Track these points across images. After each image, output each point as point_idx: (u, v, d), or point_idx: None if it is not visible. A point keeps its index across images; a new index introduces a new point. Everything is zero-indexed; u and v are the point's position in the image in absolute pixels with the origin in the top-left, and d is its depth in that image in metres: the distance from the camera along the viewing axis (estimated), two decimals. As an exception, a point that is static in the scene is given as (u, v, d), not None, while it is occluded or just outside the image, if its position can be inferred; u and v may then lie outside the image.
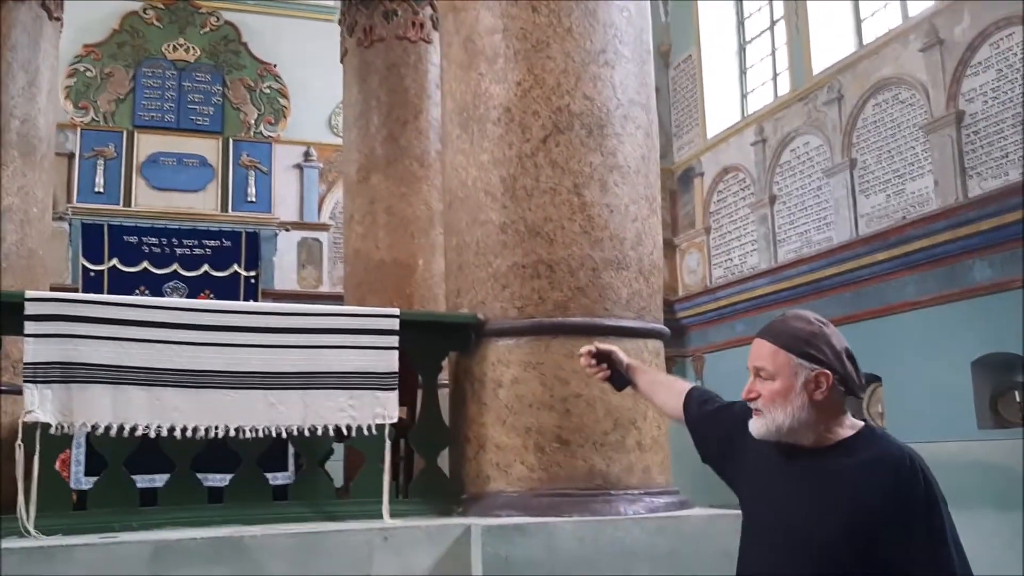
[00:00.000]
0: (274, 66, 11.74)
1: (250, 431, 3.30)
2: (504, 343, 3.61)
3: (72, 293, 7.12)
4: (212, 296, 10.30)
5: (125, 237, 10.51)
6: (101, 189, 10.70)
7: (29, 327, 3.08)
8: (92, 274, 10.30)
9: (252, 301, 10.44)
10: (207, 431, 3.25)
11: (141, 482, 3.44)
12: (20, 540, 2.91)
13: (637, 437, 3.55)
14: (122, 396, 3.14)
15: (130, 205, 10.79)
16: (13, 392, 4.58)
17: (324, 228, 11.65)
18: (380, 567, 3.09)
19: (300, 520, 3.38)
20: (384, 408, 3.47)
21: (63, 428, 3.09)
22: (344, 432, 3.43)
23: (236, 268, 10.87)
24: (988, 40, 7.39)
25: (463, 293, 3.81)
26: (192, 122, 11.29)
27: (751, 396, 1.90)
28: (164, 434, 3.20)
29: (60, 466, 3.55)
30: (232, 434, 3.29)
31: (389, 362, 3.50)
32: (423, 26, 6.78)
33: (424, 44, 6.76)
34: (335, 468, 4.15)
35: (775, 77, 10.36)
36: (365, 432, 3.45)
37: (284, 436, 3.43)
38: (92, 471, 3.88)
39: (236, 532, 3.08)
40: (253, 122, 11.56)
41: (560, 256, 3.60)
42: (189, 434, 3.22)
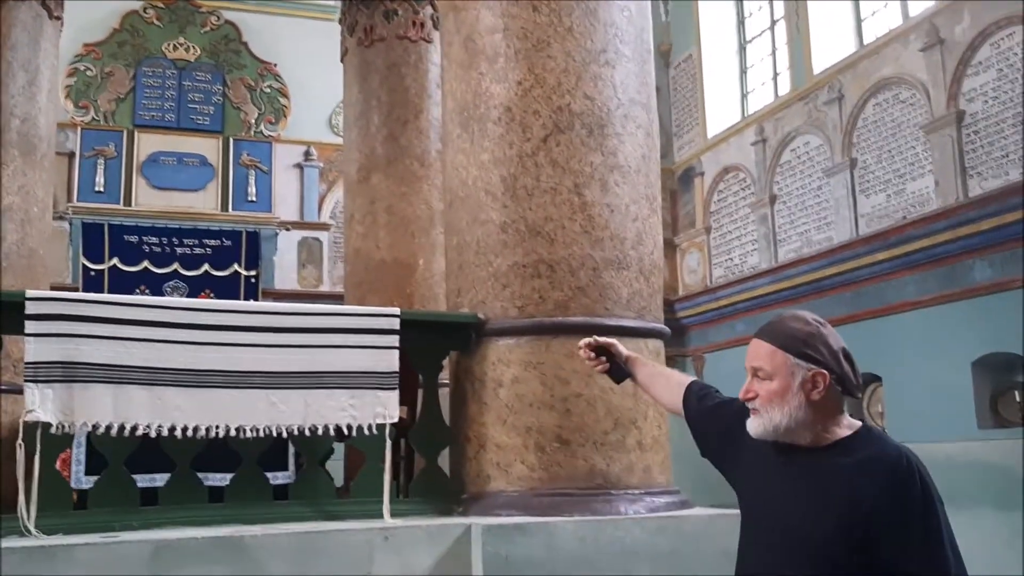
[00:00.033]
0: (274, 65, 11.75)
1: (251, 430, 3.30)
2: (504, 343, 3.61)
3: (73, 292, 7.10)
4: (212, 295, 10.30)
5: (125, 236, 10.52)
6: (101, 188, 10.70)
7: (30, 326, 3.08)
8: (92, 273, 10.30)
9: (252, 300, 10.44)
10: (208, 430, 3.25)
11: (142, 481, 3.45)
12: (21, 539, 2.91)
13: (638, 437, 3.56)
14: (123, 395, 3.14)
15: (130, 204, 10.80)
16: (14, 391, 4.57)
17: (324, 228, 11.66)
18: (380, 567, 3.09)
19: (300, 520, 3.38)
20: (385, 408, 3.47)
21: (64, 427, 3.09)
22: (345, 431, 3.43)
23: (236, 267, 10.87)
24: (988, 40, 7.38)
25: (463, 292, 3.81)
26: (192, 121, 11.29)
27: (749, 396, 1.90)
28: (165, 433, 3.21)
29: (61, 465, 3.55)
30: (233, 433, 3.29)
31: (390, 361, 3.50)
32: (424, 25, 6.79)
33: (425, 43, 6.76)
34: (336, 468, 4.15)
35: (775, 77, 10.35)
36: (366, 431, 3.45)
37: (285, 435, 3.43)
38: (93, 470, 3.88)
39: (237, 531, 3.08)
40: (253, 121, 11.56)
41: (561, 256, 3.60)
42: (190, 433, 3.22)
